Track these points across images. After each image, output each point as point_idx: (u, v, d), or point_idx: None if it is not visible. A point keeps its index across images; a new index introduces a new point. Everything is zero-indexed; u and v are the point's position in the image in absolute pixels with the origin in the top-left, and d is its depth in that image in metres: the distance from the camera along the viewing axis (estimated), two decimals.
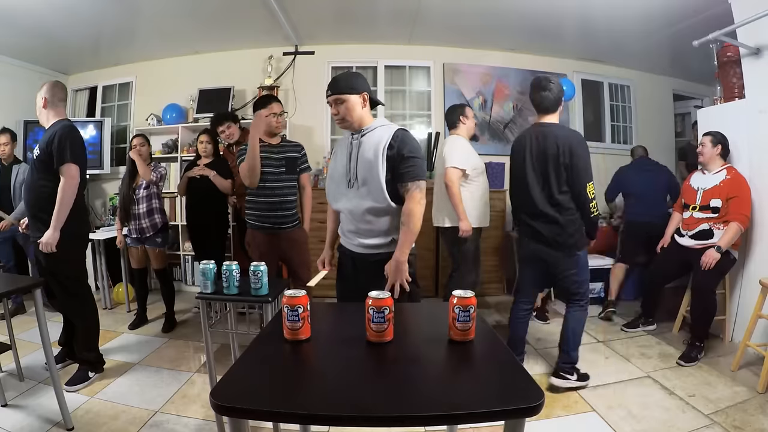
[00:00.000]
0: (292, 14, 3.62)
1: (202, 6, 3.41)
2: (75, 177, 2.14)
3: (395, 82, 4.47)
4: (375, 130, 1.61)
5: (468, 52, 4.36)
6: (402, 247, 1.56)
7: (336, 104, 1.60)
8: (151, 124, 4.28)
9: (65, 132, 2.15)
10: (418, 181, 1.56)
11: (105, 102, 4.65)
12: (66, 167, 2.11)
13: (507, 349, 1.06)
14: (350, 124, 1.62)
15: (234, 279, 1.73)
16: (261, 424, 1.94)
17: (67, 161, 2.11)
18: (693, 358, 2.54)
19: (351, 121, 1.61)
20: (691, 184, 2.83)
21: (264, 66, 4.21)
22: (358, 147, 1.61)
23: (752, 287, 2.59)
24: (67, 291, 2.27)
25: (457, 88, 4.37)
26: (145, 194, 3.11)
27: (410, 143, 1.57)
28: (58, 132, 2.14)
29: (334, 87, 1.60)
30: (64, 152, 2.11)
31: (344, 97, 1.58)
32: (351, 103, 1.59)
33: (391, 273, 1.56)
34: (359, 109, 1.60)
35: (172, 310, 3.27)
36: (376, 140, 1.58)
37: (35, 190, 2.19)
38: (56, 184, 2.13)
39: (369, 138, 1.60)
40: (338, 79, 1.63)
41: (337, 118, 1.63)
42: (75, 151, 2.15)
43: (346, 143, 1.70)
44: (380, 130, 1.60)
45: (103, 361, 2.44)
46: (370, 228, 1.62)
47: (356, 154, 1.61)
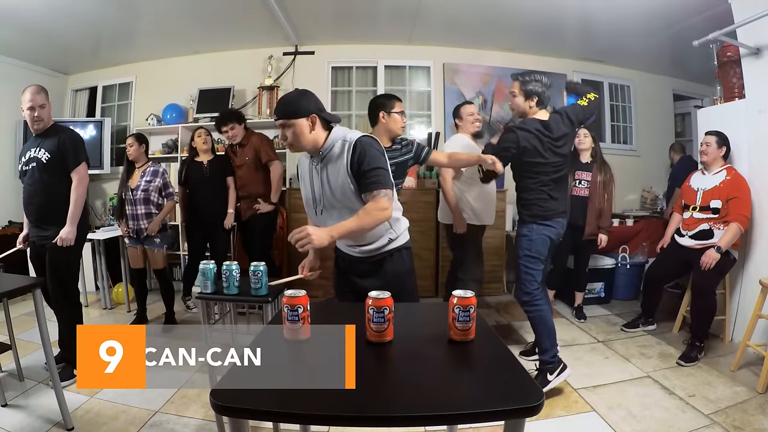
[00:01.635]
0: (292, 14, 3.62)
1: (202, 6, 3.41)
2: (87, 176, 2.36)
3: (395, 82, 4.47)
4: (333, 149, 1.48)
5: (468, 52, 4.36)
6: (339, 228, 1.39)
7: (283, 129, 1.48)
8: (151, 124, 4.28)
9: (73, 134, 2.36)
10: (383, 189, 1.43)
11: (105, 102, 4.64)
12: (82, 167, 2.32)
13: (507, 349, 1.06)
14: (302, 147, 1.50)
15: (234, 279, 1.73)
16: (261, 424, 1.94)
17: (82, 161, 2.32)
18: (693, 358, 2.54)
19: (302, 146, 1.49)
20: (690, 184, 2.83)
21: (264, 66, 4.21)
22: (322, 173, 1.52)
23: (752, 287, 2.59)
24: (66, 288, 2.33)
25: (457, 88, 4.37)
26: (142, 196, 3.10)
27: (369, 154, 1.44)
28: (68, 135, 2.33)
29: (278, 111, 1.48)
30: (78, 154, 2.32)
31: (290, 122, 1.45)
32: (298, 128, 1.45)
33: (312, 228, 1.36)
34: (308, 133, 1.46)
35: (171, 310, 3.27)
36: (337, 163, 1.47)
37: (46, 192, 2.30)
38: (67, 185, 2.29)
39: (329, 160, 1.49)
40: (283, 101, 1.50)
41: (285, 143, 1.50)
42: (85, 152, 2.38)
43: (307, 167, 1.59)
44: (338, 148, 1.48)
45: None
46: (363, 236, 1.57)
47: (320, 181, 1.53)
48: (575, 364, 2.57)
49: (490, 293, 4.02)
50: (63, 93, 4.65)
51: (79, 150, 2.32)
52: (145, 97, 4.46)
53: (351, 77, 4.47)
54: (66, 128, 2.38)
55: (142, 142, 3.19)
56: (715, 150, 2.69)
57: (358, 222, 1.40)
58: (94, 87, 4.66)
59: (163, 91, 4.36)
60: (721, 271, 2.67)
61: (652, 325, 3.10)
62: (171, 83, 4.37)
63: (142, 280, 3.30)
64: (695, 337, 2.60)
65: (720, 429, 1.88)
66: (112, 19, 3.51)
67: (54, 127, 2.35)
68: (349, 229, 1.40)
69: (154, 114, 4.29)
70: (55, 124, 2.36)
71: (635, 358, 2.64)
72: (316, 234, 1.34)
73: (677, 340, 2.89)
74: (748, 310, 2.50)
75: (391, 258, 1.62)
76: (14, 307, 3.04)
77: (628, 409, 2.06)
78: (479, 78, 4.40)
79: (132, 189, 3.11)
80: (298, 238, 1.34)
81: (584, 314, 3.40)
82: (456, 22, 3.76)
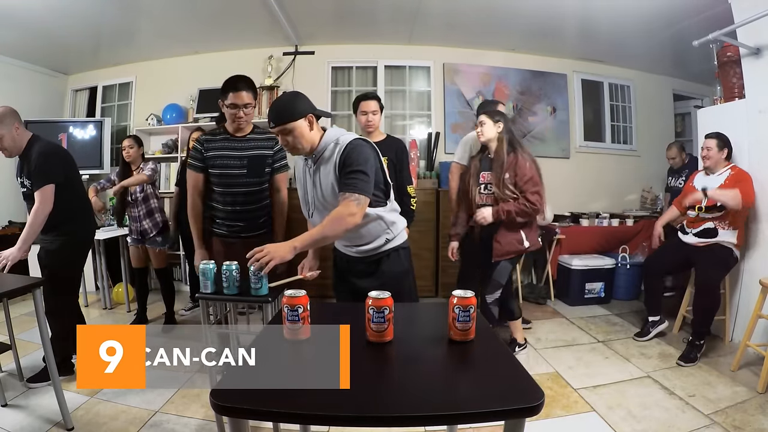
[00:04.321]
0: (292, 14, 3.62)
1: (202, 6, 3.41)
2: (50, 197, 2.12)
3: (395, 82, 4.47)
4: (326, 150, 1.49)
5: (468, 52, 4.36)
6: (302, 239, 1.37)
7: (282, 135, 1.46)
8: (151, 124, 4.28)
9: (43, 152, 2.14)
10: (357, 194, 1.40)
11: (105, 102, 4.64)
12: (47, 188, 2.10)
13: (507, 349, 1.06)
14: (303, 150, 1.49)
15: (234, 279, 1.73)
16: (261, 424, 1.94)
17: (49, 182, 2.10)
18: (693, 358, 2.53)
19: (303, 148, 1.48)
20: (694, 185, 2.82)
21: (264, 66, 4.21)
22: (314, 175, 1.53)
23: (752, 287, 2.59)
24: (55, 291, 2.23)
25: (457, 88, 4.37)
26: (141, 196, 3.10)
27: (355, 158, 1.43)
28: (37, 154, 2.13)
29: (275, 117, 1.45)
30: (44, 174, 2.10)
31: (290, 126, 1.43)
32: (299, 130, 1.44)
33: (270, 246, 1.35)
34: (308, 133, 1.47)
35: (172, 310, 3.27)
36: (328, 165, 1.48)
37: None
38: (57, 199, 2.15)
39: (321, 162, 1.50)
40: (278, 107, 1.47)
41: (287, 148, 1.50)
42: (57, 168, 2.16)
43: (301, 167, 1.62)
44: (330, 150, 1.48)
45: (69, 366, 2.35)
46: (359, 236, 1.58)
47: (312, 183, 1.54)
48: (575, 364, 2.57)
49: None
50: (63, 93, 4.65)
51: (47, 169, 2.11)
52: (145, 97, 4.46)
53: (351, 77, 4.47)
54: (38, 144, 2.17)
55: (140, 145, 3.19)
56: (717, 153, 2.69)
57: (322, 231, 1.39)
58: (94, 87, 4.66)
59: (163, 91, 4.36)
60: (726, 266, 2.67)
61: (662, 324, 2.90)
62: (171, 83, 4.37)
63: (143, 279, 3.29)
64: (696, 334, 2.59)
65: (720, 429, 1.88)
66: (112, 19, 3.50)
67: (29, 145, 2.18)
68: (313, 238, 1.39)
69: (154, 114, 4.30)
70: (30, 141, 2.19)
71: (635, 358, 2.64)
72: (276, 250, 1.33)
73: (677, 340, 2.88)
74: (748, 310, 2.50)
75: (389, 258, 1.62)
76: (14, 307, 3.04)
77: (628, 409, 2.06)
78: (479, 78, 4.40)
79: (131, 191, 3.11)
80: (257, 257, 1.32)
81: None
82: (456, 22, 3.76)
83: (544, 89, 4.50)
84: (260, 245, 1.37)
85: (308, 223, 1.76)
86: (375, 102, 2.39)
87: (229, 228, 2.14)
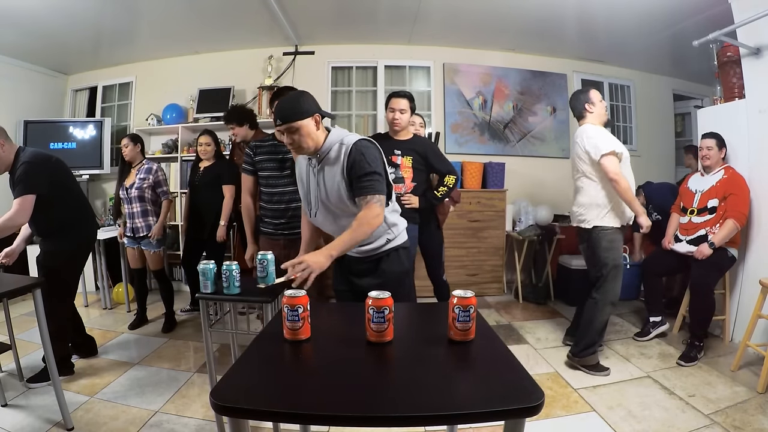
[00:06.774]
0: (292, 14, 3.62)
1: (202, 6, 3.41)
2: (28, 209, 2.10)
3: (395, 82, 4.47)
4: (331, 151, 1.48)
5: (468, 52, 4.36)
6: (336, 246, 1.39)
7: (289, 133, 1.44)
8: (151, 124, 4.28)
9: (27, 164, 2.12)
10: (377, 194, 1.43)
11: (105, 102, 4.65)
12: (26, 199, 2.09)
13: (507, 349, 1.06)
14: (307, 149, 1.48)
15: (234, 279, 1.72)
16: (261, 424, 1.94)
17: (27, 193, 2.09)
18: (693, 358, 2.54)
19: (308, 147, 1.47)
20: (689, 186, 2.83)
21: (264, 66, 4.21)
22: (318, 175, 1.53)
23: (752, 287, 2.59)
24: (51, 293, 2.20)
25: (457, 88, 4.37)
26: (137, 194, 3.09)
27: (364, 158, 1.44)
28: (21, 167, 2.11)
29: (282, 115, 1.43)
30: (25, 185, 2.09)
31: (297, 125, 1.42)
32: (305, 129, 1.43)
33: (308, 256, 1.34)
34: (314, 133, 1.46)
35: (171, 310, 3.26)
36: (334, 166, 1.48)
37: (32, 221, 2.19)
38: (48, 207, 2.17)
39: (327, 162, 1.50)
40: (286, 105, 1.45)
41: (292, 147, 1.48)
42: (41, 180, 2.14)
43: (304, 167, 1.61)
44: (335, 151, 1.48)
45: (69, 366, 2.40)
46: None
47: (316, 183, 1.54)
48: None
49: (490, 293, 4.02)
50: (63, 93, 4.65)
51: (27, 180, 2.09)
52: (145, 97, 4.46)
53: (351, 77, 4.47)
54: (23, 154, 2.17)
55: (137, 142, 3.17)
56: (716, 153, 2.70)
57: (353, 235, 1.41)
58: (94, 87, 4.66)
59: (163, 91, 4.36)
60: (720, 270, 2.67)
61: (663, 325, 2.91)
62: (171, 83, 4.37)
63: (142, 279, 3.30)
64: (694, 336, 2.60)
65: (720, 429, 1.88)
66: (112, 19, 3.50)
67: (16, 157, 2.17)
68: (346, 244, 1.42)
69: (154, 114, 4.30)
70: (16, 153, 2.18)
71: (635, 358, 2.64)
72: (315, 261, 1.33)
73: (677, 340, 2.89)
74: (748, 310, 2.50)
75: (389, 258, 1.63)
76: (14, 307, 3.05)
77: (628, 409, 2.06)
78: (479, 78, 4.40)
79: (127, 188, 3.12)
80: (297, 271, 1.30)
81: None
82: (456, 22, 3.76)
83: (544, 89, 4.50)
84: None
85: (303, 221, 1.78)
86: (406, 101, 2.39)
87: (275, 226, 2.32)
